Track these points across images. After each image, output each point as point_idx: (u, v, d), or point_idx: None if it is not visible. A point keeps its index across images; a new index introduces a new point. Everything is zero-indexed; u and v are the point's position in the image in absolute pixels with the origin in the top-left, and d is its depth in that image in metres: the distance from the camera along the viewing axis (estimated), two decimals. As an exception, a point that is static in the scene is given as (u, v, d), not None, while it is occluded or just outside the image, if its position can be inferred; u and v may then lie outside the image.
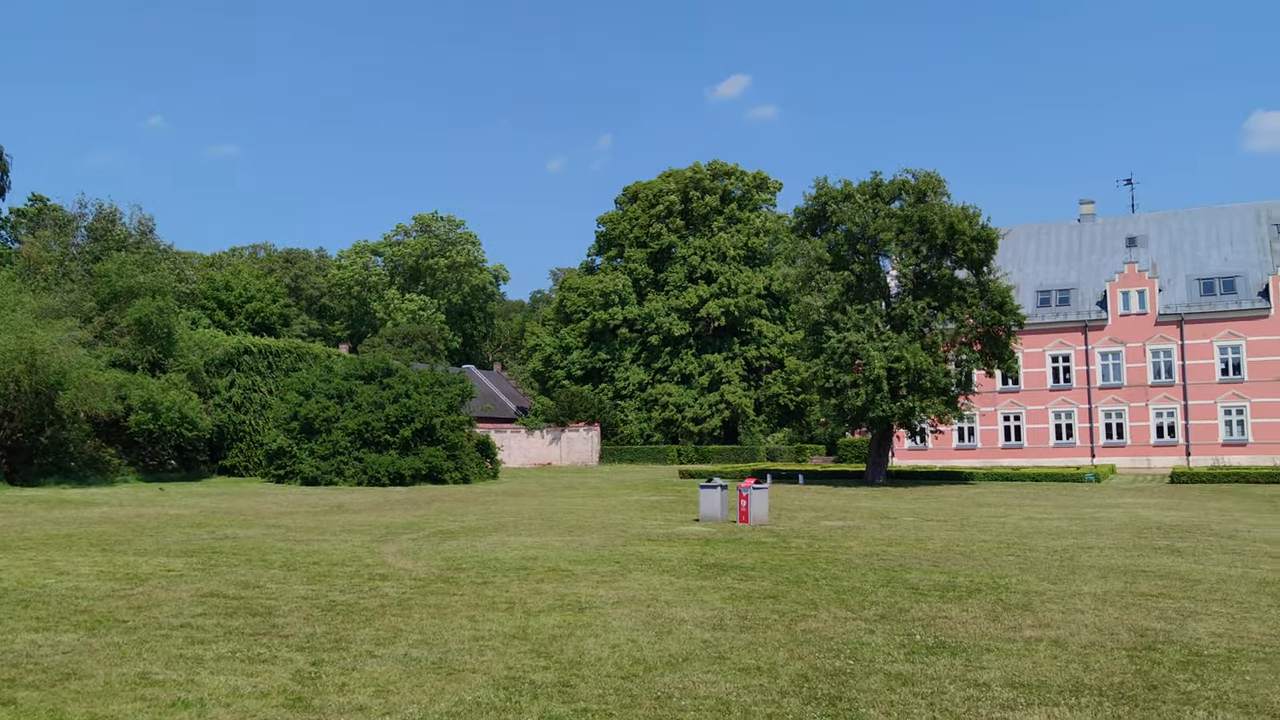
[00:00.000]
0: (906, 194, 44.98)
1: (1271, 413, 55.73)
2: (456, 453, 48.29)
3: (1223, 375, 56.85)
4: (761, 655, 10.85)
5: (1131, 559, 18.84)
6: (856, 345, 42.32)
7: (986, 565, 17.89)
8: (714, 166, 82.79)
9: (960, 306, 43.60)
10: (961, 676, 9.90)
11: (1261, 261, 58.00)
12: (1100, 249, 62.98)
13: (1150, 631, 11.99)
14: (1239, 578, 16.44)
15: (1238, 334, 56.55)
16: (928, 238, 42.86)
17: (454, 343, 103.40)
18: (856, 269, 44.52)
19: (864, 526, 25.38)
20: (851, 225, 44.19)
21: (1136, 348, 58.26)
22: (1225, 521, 26.77)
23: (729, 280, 78.86)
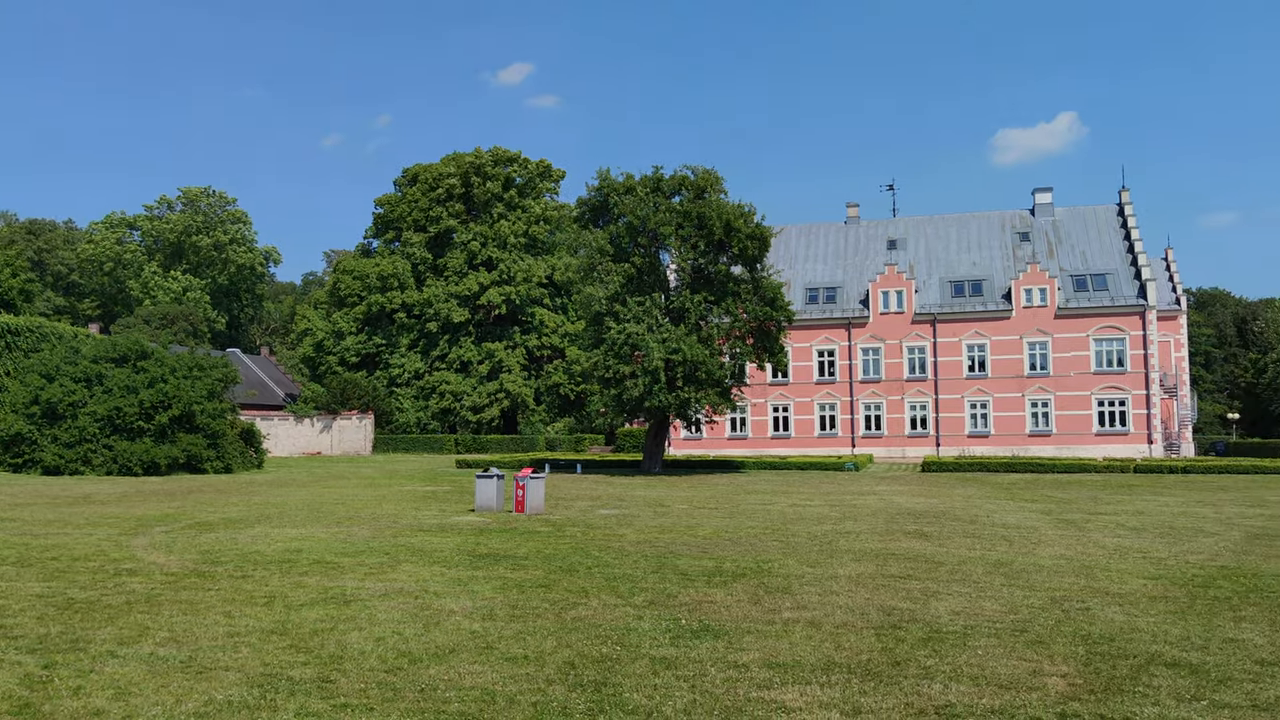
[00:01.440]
0: (686, 189, 46.01)
1: (1011, 407, 60.45)
2: (218, 441, 45.91)
3: (970, 372, 61.19)
4: (530, 644, 10.81)
5: (884, 543, 19.94)
6: (636, 336, 42.98)
7: (752, 551, 18.52)
8: (496, 152, 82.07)
9: (735, 301, 45.00)
10: (723, 658, 10.18)
11: (1006, 267, 62.77)
12: (864, 250, 66.50)
13: (897, 611, 12.70)
14: (977, 559, 17.67)
15: (983, 334, 61.01)
16: (706, 233, 43.98)
17: (219, 325, 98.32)
18: (637, 261, 45.20)
19: (638, 515, 25.78)
20: (633, 218, 44.81)
21: (895, 344, 61.87)
22: (968, 508, 28.76)
23: (510, 268, 78.42)
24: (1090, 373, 59.23)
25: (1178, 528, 23.47)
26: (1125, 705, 8.55)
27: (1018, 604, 13.25)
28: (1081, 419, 59.34)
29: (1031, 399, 60.03)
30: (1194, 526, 23.71)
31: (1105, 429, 58.94)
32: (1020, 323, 60.19)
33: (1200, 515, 26.72)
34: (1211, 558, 18.10)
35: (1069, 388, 59.40)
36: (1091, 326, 59.37)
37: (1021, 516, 26.14)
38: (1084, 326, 59.45)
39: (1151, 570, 16.46)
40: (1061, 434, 59.32)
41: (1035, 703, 8.62)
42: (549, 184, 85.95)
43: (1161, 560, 17.72)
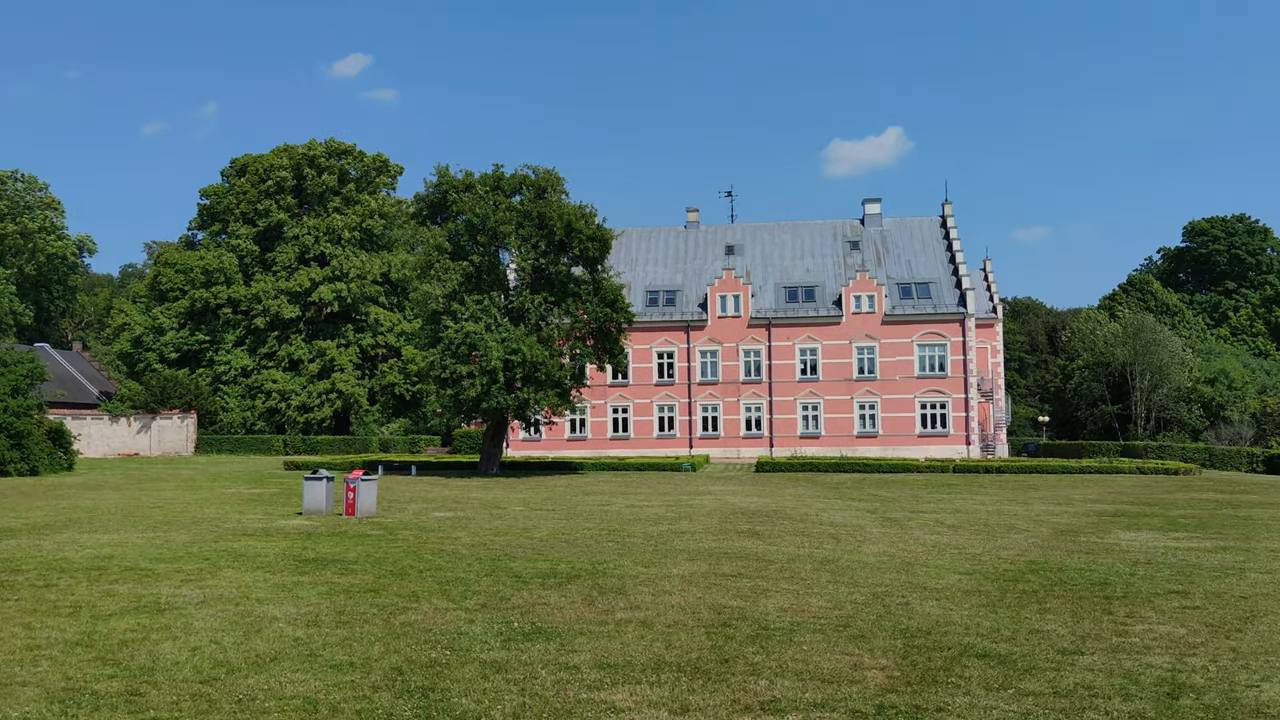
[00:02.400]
0: (527, 189, 45.76)
1: (841, 409, 62.51)
2: (23, 441, 43.07)
3: (802, 375, 62.98)
4: (356, 651, 10.51)
5: (718, 542, 20.27)
6: (474, 336, 42.47)
7: (588, 552, 18.52)
8: (331, 145, 79.76)
9: (575, 302, 45.00)
10: (554, 660, 10.12)
11: (837, 274, 64.91)
12: (703, 254, 67.61)
13: (727, 609, 12.91)
14: (806, 557, 18.16)
15: (815, 338, 62.91)
16: (546, 233, 43.84)
17: (25, 318, 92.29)
18: (476, 260, 44.68)
19: (473, 517, 25.47)
20: (472, 216, 44.28)
21: (731, 347, 63.14)
22: (798, 507, 29.55)
23: (344, 264, 76.28)
24: (914, 377, 61.79)
25: (992, 525, 24.69)
26: (939, 696, 8.91)
27: (842, 600, 13.66)
28: (905, 421, 61.85)
29: (859, 401, 62.19)
30: (1006, 524, 24.98)
31: (927, 430, 61.59)
32: (850, 328, 62.30)
33: (1012, 513, 28.18)
34: (1021, 553, 19.10)
35: (894, 391, 61.82)
36: (916, 333, 61.95)
37: (848, 515, 27.02)
38: (909, 332, 61.98)
39: (967, 566, 17.24)
40: (887, 435, 61.68)
41: (855, 696, 8.89)
42: (386, 179, 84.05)
43: (976, 556, 18.59)
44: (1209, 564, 17.72)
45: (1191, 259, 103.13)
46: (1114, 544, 20.79)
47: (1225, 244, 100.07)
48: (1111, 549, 19.90)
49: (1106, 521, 25.94)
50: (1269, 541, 21.73)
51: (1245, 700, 8.81)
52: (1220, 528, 24.70)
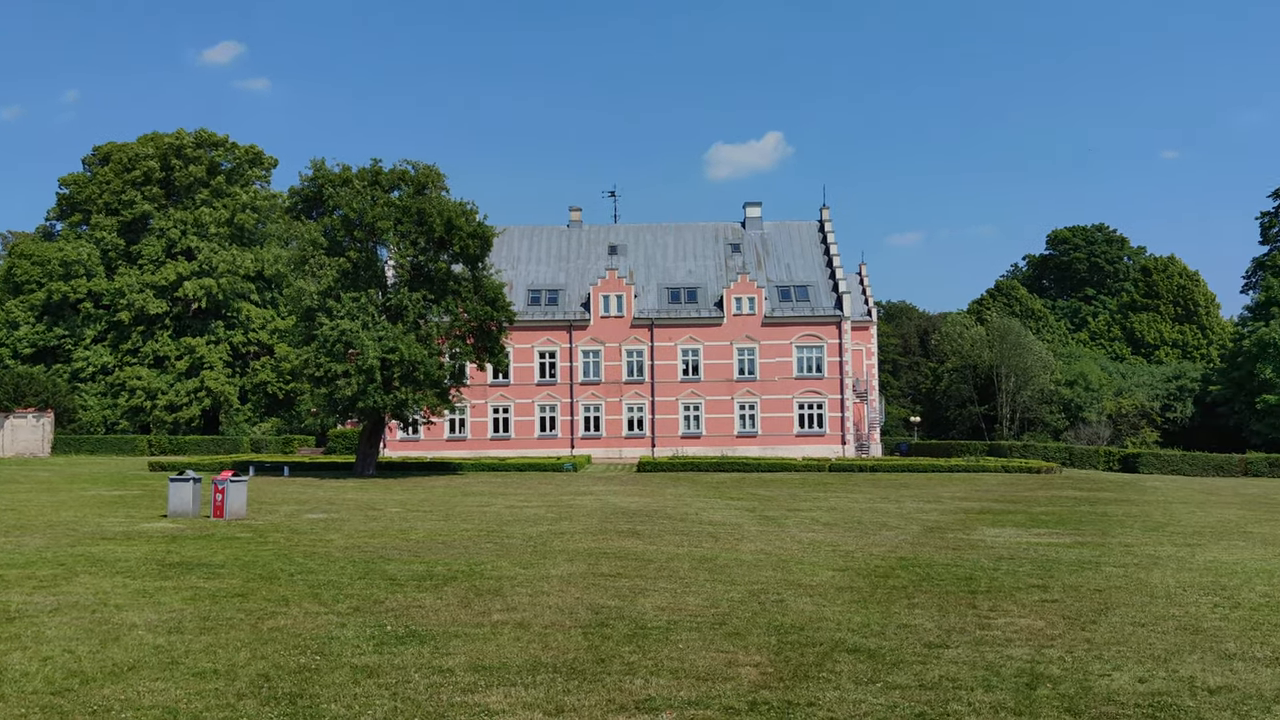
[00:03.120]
0: (406, 184, 44.99)
1: (721, 409, 63.27)
2: None
3: (684, 375, 63.51)
4: (221, 657, 10.15)
5: (598, 542, 20.27)
6: (350, 334, 41.58)
7: (465, 553, 18.30)
8: (201, 135, 76.98)
9: (456, 300, 44.44)
10: (428, 664, 9.96)
11: (719, 276, 65.68)
12: (586, 254, 67.58)
13: (605, 609, 12.90)
14: (685, 556, 18.29)
15: (697, 339, 63.53)
16: (426, 230, 43.18)
17: None
18: (353, 256, 43.73)
19: (348, 519, 24.93)
20: (349, 211, 43.31)
21: (614, 347, 63.26)
22: (679, 506, 29.78)
23: (213, 258, 73.68)
24: (793, 378, 62.91)
25: (865, 523, 25.30)
26: (810, 690, 9.06)
27: (719, 598, 13.79)
28: (784, 421, 62.93)
29: (740, 402, 63.03)
30: (879, 521, 25.64)
31: (805, 430, 62.80)
32: (731, 329, 63.08)
33: (885, 511, 28.94)
34: (892, 550, 19.61)
35: (773, 391, 62.84)
36: (794, 335, 63.11)
37: (728, 514, 27.35)
38: (788, 334, 63.10)
39: (840, 563, 17.62)
40: (766, 435, 62.65)
41: (729, 692, 8.97)
42: (259, 171, 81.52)
43: (849, 553, 19.02)
44: (1067, 559, 18.47)
45: (1054, 266, 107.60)
46: (979, 540, 21.52)
47: (1086, 252, 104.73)
48: (977, 545, 20.59)
49: (973, 518, 26.85)
50: (1123, 536, 22.79)
51: (1098, 689, 9.19)
52: (1078, 524, 25.81)
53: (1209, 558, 18.93)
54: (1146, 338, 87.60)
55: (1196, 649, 10.81)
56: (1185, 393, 74.77)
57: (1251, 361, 68.81)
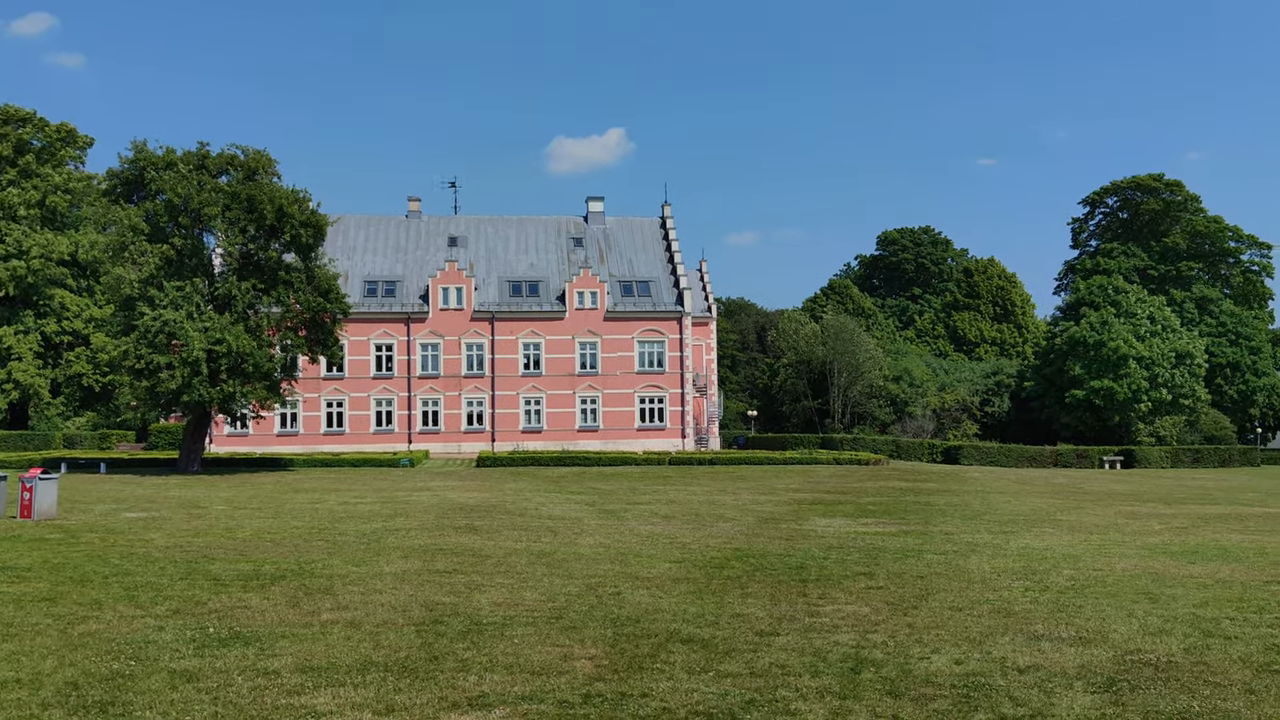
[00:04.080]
0: (235, 169, 43.21)
1: (562, 404, 63.22)
2: None
3: (525, 369, 63.16)
4: (25, 666, 9.53)
5: (434, 538, 19.95)
6: (174, 324, 39.69)
7: (295, 552, 17.73)
8: (7, 111, 71.91)
9: (287, 290, 42.96)
10: (252, 666, 9.58)
11: (561, 270, 65.56)
12: (425, 245, 66.39)
13: (440, 605, 12.70)
14: (523, 551, 18.19)
15: (539, 333, 63.27)
16: (256, 217, 41.58)
17: None
18: (178, 243, 41.73)
19: (170, 517, 23.81)
20: (173, 196, 41.29)
21: (453, 340, 62.36)
22: (518, 501, 29.62)
23: (22, 242, 69.15)
24: (634, 372, 63.41)
25: (702, 515, 25.72)
26: (644, 681, 9.13)
27: (556, 592, 13.76)
28: (625, 415, 63.39)
29: (582, 396, 63.15)
30: (716, 513, 26.11)
31: (646, 424, 63.40)
32: (573, 323, 63.10)
33: (722, 503, 29.49)
34: (728, 541, 19.98)
35: (615, 386, 63.20)
36: (636, 329, 63.62)
37: (567, 508, 27.35)
38: (630, 329, 63.56)
39: (677, 554, 17.84)
40: (608, 429, 62.97)
41: (564, 686, 8.95)
42: (73, 151, 76.75)
43: (686, 545, 19.29)
44: (892, 547, 19.21)
45: (884, 266, 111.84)
46: (811, 530, 22.17)
47: (913, 253, 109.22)
48: (809, 535, 21.20)
49: (806, 509, 27.64)
50: (944, 525, 23.86)
51: (917, 671, 9.57)
52: (904, 513, 26.90)
53: (1021, 544, 19.99)
54: (968, 336, 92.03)
55: (1008, 631, 11.39)
56: (1003, 388, 78.89)
57: (1062, 359, 73.13)
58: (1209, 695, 8.78)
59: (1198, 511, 29.06)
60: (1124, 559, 17.75)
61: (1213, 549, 19.37)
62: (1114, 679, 9.30)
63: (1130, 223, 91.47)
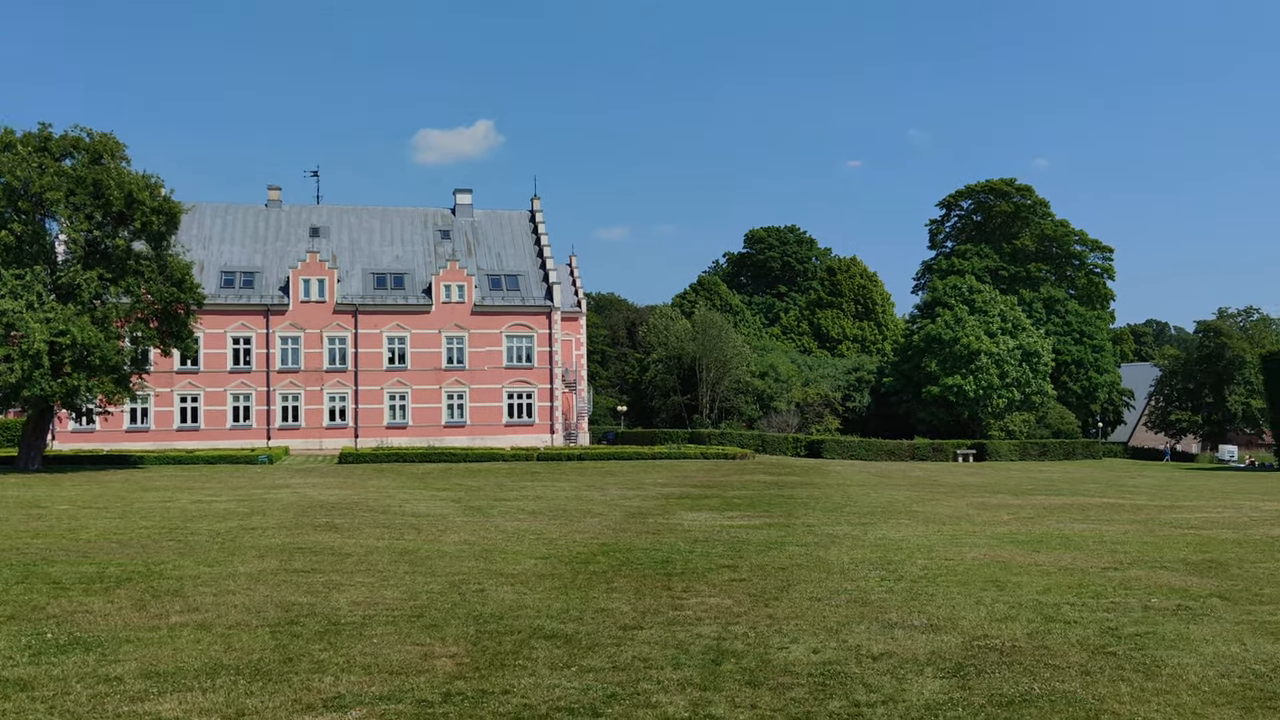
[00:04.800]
0: (80, 153, 41.09)
1: (429, 399, 62.26)
2: None
3: (390, 363, 61.95)
4: None
5: (292, 537, 19.39)
6: (13, 315, 37.57)
7: (143, 553, 16.98)
8: None
9: (138, 280, 41.13)
10: (93, 673, 9.13)
11: (428, 262, 64.51)
12: (286, 235, 64.45)
13: (296, 606, 12.33)
14: (385, 549, 17.84)
15: (404, 326, 62.14)
16: (103, 204, 39.66)
17: None
18: (17, 229, 39.49)
19: (6, 518, 22.55)
20: (12, 179, 39.04)
21: (315, 334, 60.75)
22: (381, 498, 29.04)
23: None
24: (502, 367, 62.90)
25: (569, 510, 25.68)
26: (505, 678, 9.04)
27: (418, 590, 13.53)
28: (493, 410, 62.83)
29: (448, 391, 62.32)
30: (583, 509, 26.10)
31: (514, 420, 62.97)
32: (439, 317, 62.20)
33: (590, 498, 29.50)
34: (595, 536, 20.00)
35: (483, 381, 62.57)
36: (505, 324, 63.12)
37: (432, 505, 26.96)
38: (498, 324, 63.02)
39: (543, 550, 17.76)
40: (475, 425, 62.32)
41: (423, 685, 8.80)
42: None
43: (553, 541, 19.22)
44: (756, 539, 19.53)
45: (751, 264, 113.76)
46: (678, 524, 22.37)
47: (779, 251, 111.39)
48: (675, 529, 21.38)
49: (673, 504, 27.88)
50: (806, 517, 24.39)
51: (776, 661, 9.74)
52: (768, 506, 27.39)
53: (879, 535, 20.58)
54: (831, 333, 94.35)
55: (864, 620, 11.69)
56: (863, 384, 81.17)
57: (919, 356, 75.65)
58: (1048, 677, 9.18)
59: (1043, 502, 30.42)
60: (974, 548, 18.44)
61: (1056, 538, 20.29)
62: (962, 664, 9.64)
63: (984, 225, 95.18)
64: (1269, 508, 28.55)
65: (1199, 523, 23.82)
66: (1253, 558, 17.29)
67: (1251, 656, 9.99)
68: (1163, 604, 12.81)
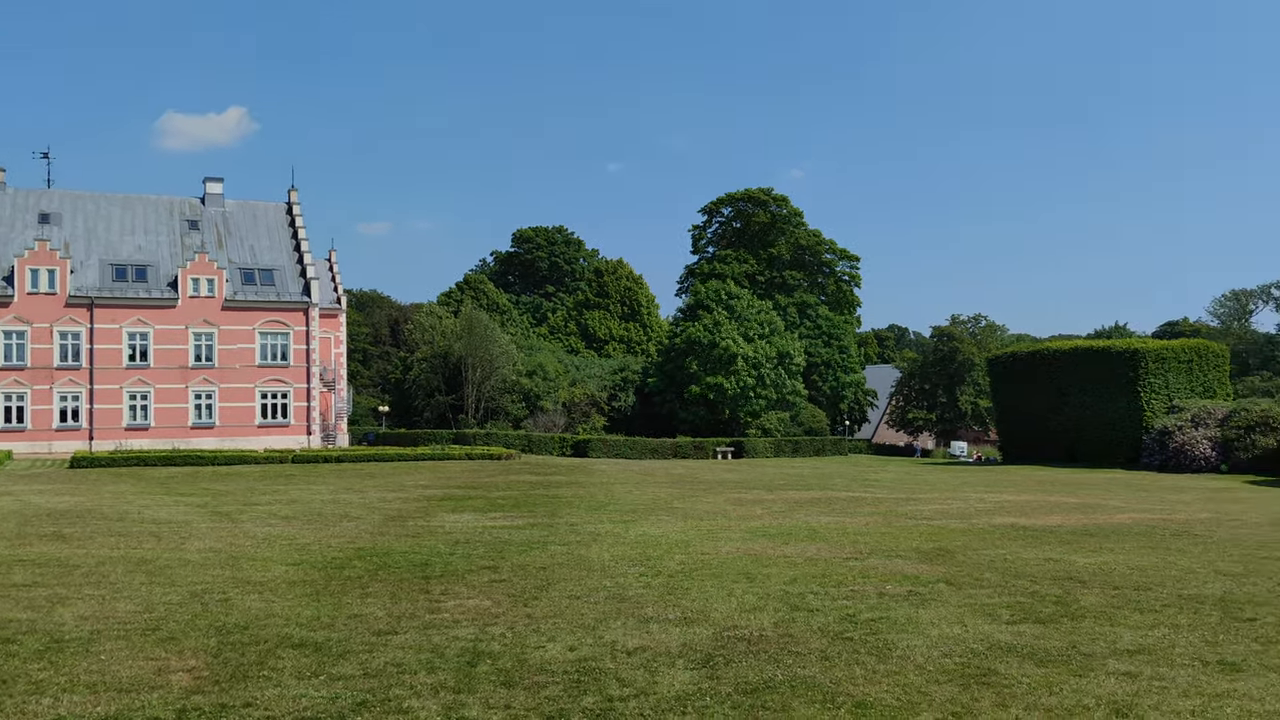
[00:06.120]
0: None
1: (174, 398, 58.58)
2: None
3: (131, 361, 57.88)
4: None
5: (12, 548, 17.82)
6: None
7: None
8: None
9: None
10: None
11: (174, 254, 60.69)
12: (11, 222, 59.08)
13: (14, 623, 11.32)
14: (119, 559, 16.65)
15: (147, 321, 58.20)
16: None
17: None
18: None
19: None
20: None
21: (44, 328, 56.03)
22: (118, 505, 27.12)
23: None
24: (255, 366, 60.01)
25: (325, 514, 24.80)
26: (248, 690, 8.61)
27: (155, 602, 12.70)
28: (245, 411, 59.85)
29: (196, 390, 58.89)
30: (340, 512, 25.27)
31: (268, 421, 60.20)
32: (186, 312, 58.68)
33: (347, 501, 28.60)
34: (351, 540, 19.39)
35: (234, 380, 59.50)
36: (258, 320, 60.23)
37: (175, 511, 25.41)
38: (251, 320, 60.07)
39: (296, 556, 17.06)
40: (225, 426, 59.19)
41: (156, 702, 8.25)
42: None
43: (306, 546, 18.50)
44: (518, 540, 19.49)
45: (519, 263, 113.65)
46: (439, 526, 22.02)
47: (547, 252, 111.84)
48: (436, 531, 21.05)
49: (435, 505, 27.44)
50: (569, 516, 24.57)
51: (533, 660, 9.74)
52: (532, 506, 27.40)
53: (640, 532, 20.97)
54: (598, 333, 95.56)
55: (621, 615, 11.87)
56: (629, 383, 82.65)
57: (681, 357, 77.79)
58: (791, 664, 9.61)
59: (794, 497, 31.89)
60: (729, 542, 19.10)
61: (804, 530, 21.30)
62: (711, 655, 9.94)
63: (743, 232, 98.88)
64: (992, 499, 31.05)
65: (931, 514, 25.61)
66: (976, 545, 18.74)
67: (971, 636, 10.81)
68: (896, 590, 13.67)
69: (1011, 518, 24.43)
